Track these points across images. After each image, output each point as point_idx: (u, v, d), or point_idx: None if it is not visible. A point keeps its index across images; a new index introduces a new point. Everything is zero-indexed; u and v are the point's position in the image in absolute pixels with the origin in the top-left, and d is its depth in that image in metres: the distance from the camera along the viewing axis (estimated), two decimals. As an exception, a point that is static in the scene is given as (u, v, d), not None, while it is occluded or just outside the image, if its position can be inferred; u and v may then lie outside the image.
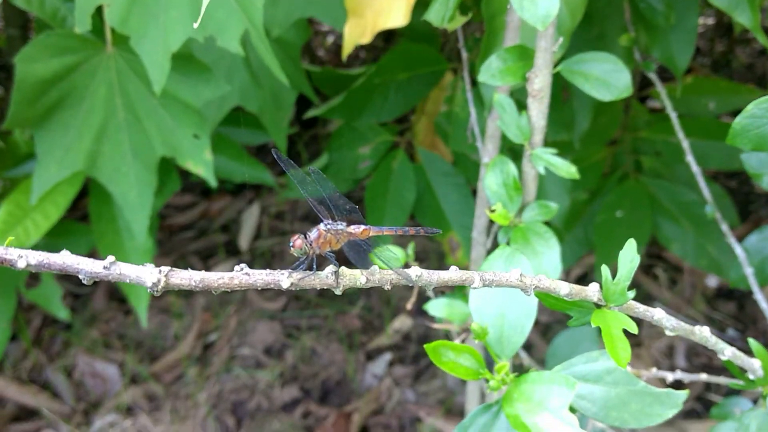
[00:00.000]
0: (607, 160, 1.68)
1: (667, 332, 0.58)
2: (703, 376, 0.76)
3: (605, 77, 0.87)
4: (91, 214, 1.49)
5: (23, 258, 0.45)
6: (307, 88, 1.60)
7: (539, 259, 0.86)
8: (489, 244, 1.10)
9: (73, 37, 1.20)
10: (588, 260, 1.95)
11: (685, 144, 1.23)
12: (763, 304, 1.10)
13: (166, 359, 1.85)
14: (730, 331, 1.81)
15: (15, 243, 1.31)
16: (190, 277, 0.49)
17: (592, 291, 0.55)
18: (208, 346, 1.89)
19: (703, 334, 0.60)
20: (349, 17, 1.11)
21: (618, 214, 1.59)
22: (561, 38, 0.86)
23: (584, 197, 1.65)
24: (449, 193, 1.58)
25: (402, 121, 1.79)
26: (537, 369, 1.13)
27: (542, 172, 0.89)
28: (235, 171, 1.59)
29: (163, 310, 1.95)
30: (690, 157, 1.22)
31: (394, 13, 1.04)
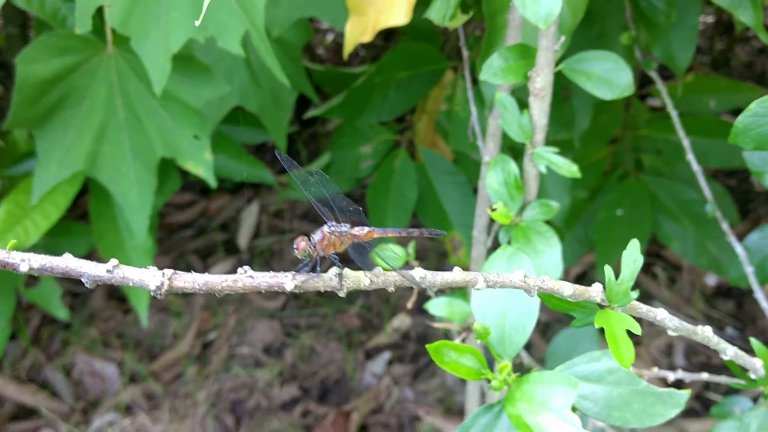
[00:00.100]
0: (608, 159, 1.68)
1: (670, 332, 0.58)
2: (704, 376, 0.76)
3: (607, 76, 0.86)
4: (90, 213, 1.49)
5: (25, 262, 0.45)
6: (308, 88, 1.59)
7: (540, 258, 0.86)
8: (490, 243, 1.09)
9: (73, 38, 1.20)
10: (587, 259, 1.95)
11: (685, 142, 1.22)
12: (764, 303, 1.09)
13: (165, 358, 1.85)
14: (729, 330, 1.81)
15: (15, 243, 1.31)
16: (194, 280, 0.48)
17: (595, 292, 0.55)
18: (207, 344, 1.89)
19: (705, 334, 0.60)
20: (350, 16, 1.11)
21: (618, 212, 1.59)
22: (563, 37, 0.86)
23: (585, 196, 1.65)
24: (451, 192, 1.58)
25: (402, 119, 1.78)
26: (537, 368, 1.13)
27: (544, 171, 0.89)
28: (235, 170, 1.59)
29: (162, 308, 1.95)
30: (690, 156, 1.22)
31: (395, 12, 1.04)
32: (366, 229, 0.60)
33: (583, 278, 1.96)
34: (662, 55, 1.30)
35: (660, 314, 0.57)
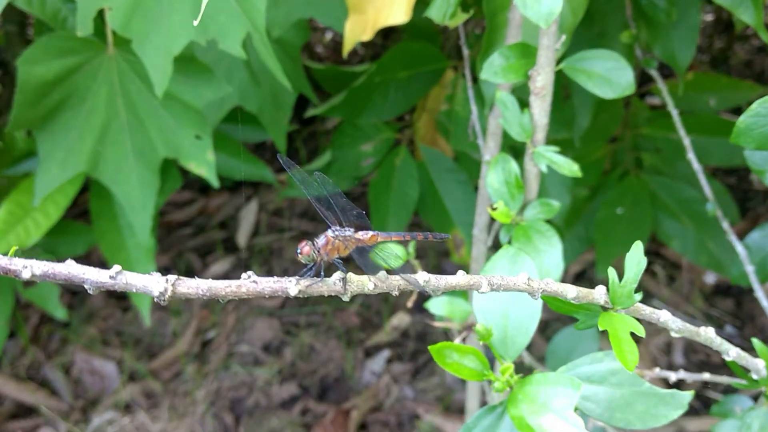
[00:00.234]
0: (608, 158, 1.68)
1: (673, 334, 0.58)
2: (706, 376, 0.76)
3: (608, 75, 0.86)
4: (91, 212, 1.48)
5: (28, 268, 0.45)
6: (308, 89, 1.59)
7: (541, 258, 0.86)
8: (490, 242, 1.09)
9: (74, 39, 1.20)
10: (586, 257, 1.94)
11: (686, 141, 1.22)
12: (764, 301, 1.09)
13: (165, 356, 1.85)
14: (728, 328, 1.81)
15: (15, 242, 1.30)
16: (197, 286, 0.48)
17: (598, 294, 0.55)
18: (207, 343, 1.89)
19: (708, 335, 0.60)
20: (350, 14, 1.11)
21: (618, 211, 1.59)
22: (564, 36, 0.86)
23: (585, 194, 1.65)
24: (452, 190, 1.57)
25: (402, 118, 1.78)
26: (538, 367, 1.12)
27: (544, 170, 0.88)
28: (235, 168, 1.59)
29: (161, 307, 1.95)
30: (691, 155, 1.22)
31: (395, 10, 1.03)
32: (370, 233, 0.60)
33: (582, 276, 1.96)
34: (663, 53, 1.30)
35: (663, 316, 0.57)
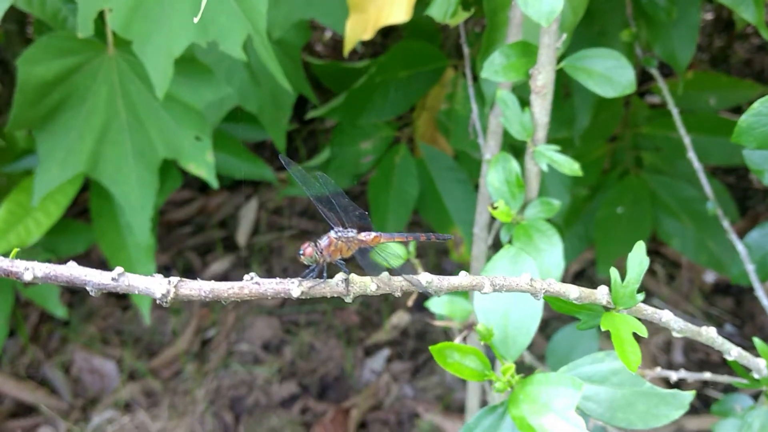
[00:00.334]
0: (608, 157, 1.68)
1: (675, 334, 0.58)
2: (707, 375, 0.76)
3: (609, 73, 0.86)
4: (91, 211, 1.48)
5: (30, 270, 0.45)
6: (308, 89, 1.58)
7: (542, 257, 0.85)
8: (491, 241, 1.09)
9: (74, 39, 1.19)
10: (586, 256, 1.94)
11: (686, 140, 1.22)
12: (764, 300, 1.09)
13: (164, 355, 1.85)
14: (728, 327, 1.81)
15: (16, 241, 1.30)
16: (200, 288, 0.48)
17: (601, 294, 0.55)
18: (206, 341, 1.89)
19: (710, 335, 0.60)
20: (351, 13, 1.11)
21: (618, 210, 1.59)
22: (564, 34, 0.86)
23: (585, 193, 1.65)
24: (452, 189, 1.57)
25: (402, 116, 1.78)
26: (539, 366, 1.12)
27: (545, 169, 0.88)
28: (235, 168, 1.59)
29: (161, 306, 1.95)
30: (692, 153, 1.22)
31: (396, 9, 1.03)
32: (373, 234, 0.59)
33: (582, 275, 1.96)
34: (663, 52, 1.30)
35: (665, 316, 0.57)
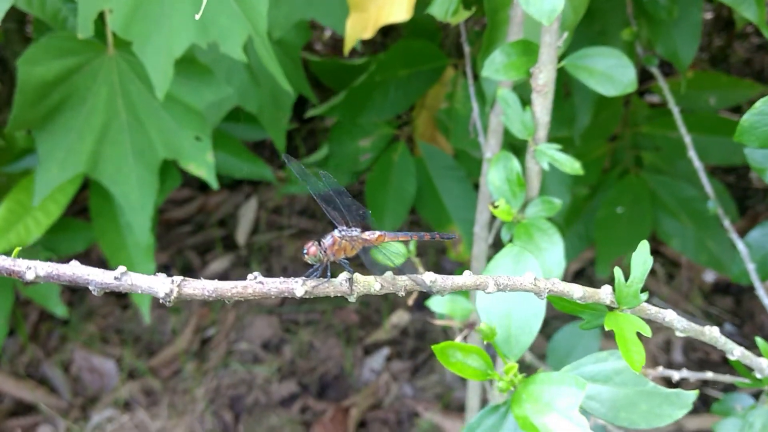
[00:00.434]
0: (608, 156, 1.68)
1: (678, 333, 0.57)
2: (709, 375, 0.76)
3: (610, 72, 0.86)
4: (91, 211, 1.48)
5: (32, 270, 0.44)
6: (308, 89, 1.58)
7: (543, 256, 0.85)
8: (491, 240, 1.09)
9: (74, 40, 1.19)
10: (586, 255, 1.94)
11: (687, 139, 1.22)
12: (765, 299, 1.09)
13: (164, 354, 1.85)
14: (727, 326, 1.81)
15: (16, 240, 1.29)
16: (203, 287, 0.48)
17: (604, 294, 0.55)
18: (206, 340, 1.88)
19: (712, 334, 0.60)
20: (351, 12, 1.10)
21: (618, 209, 1.59)
22: (566, 33, 0.85)
23: (585, 193, 1.65)
24: (451, 187, 1.57)
25: (400, 115, 1.78)
26: (540, 365, 1.12)
27: (546, 168, 0.88)
28: (235, 167, 1.58)
29: (160, 305, 1.95)
30: (692, 153, 1.21)
31: (396, 8, 1.03)
32: (377, 233, 0.59)
33: (582, 274, 1.96)
34: (665, 51, 1.30)
35: (669, 316, 0.57)
